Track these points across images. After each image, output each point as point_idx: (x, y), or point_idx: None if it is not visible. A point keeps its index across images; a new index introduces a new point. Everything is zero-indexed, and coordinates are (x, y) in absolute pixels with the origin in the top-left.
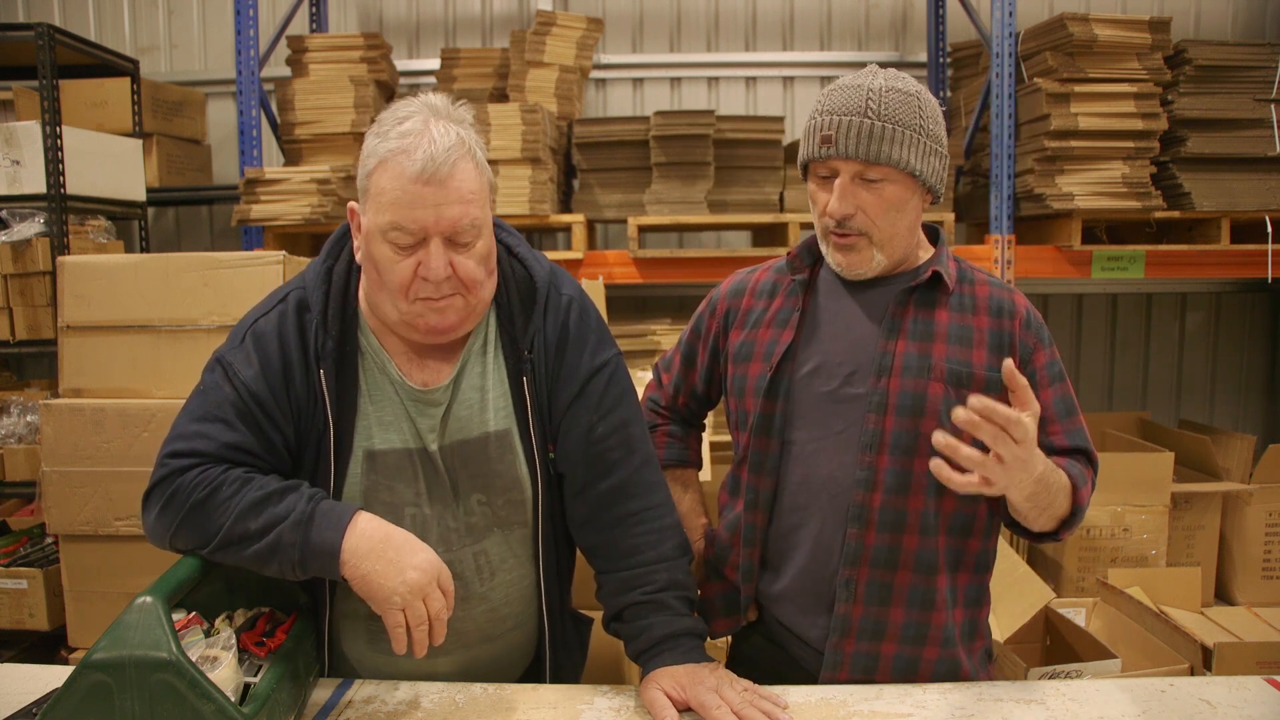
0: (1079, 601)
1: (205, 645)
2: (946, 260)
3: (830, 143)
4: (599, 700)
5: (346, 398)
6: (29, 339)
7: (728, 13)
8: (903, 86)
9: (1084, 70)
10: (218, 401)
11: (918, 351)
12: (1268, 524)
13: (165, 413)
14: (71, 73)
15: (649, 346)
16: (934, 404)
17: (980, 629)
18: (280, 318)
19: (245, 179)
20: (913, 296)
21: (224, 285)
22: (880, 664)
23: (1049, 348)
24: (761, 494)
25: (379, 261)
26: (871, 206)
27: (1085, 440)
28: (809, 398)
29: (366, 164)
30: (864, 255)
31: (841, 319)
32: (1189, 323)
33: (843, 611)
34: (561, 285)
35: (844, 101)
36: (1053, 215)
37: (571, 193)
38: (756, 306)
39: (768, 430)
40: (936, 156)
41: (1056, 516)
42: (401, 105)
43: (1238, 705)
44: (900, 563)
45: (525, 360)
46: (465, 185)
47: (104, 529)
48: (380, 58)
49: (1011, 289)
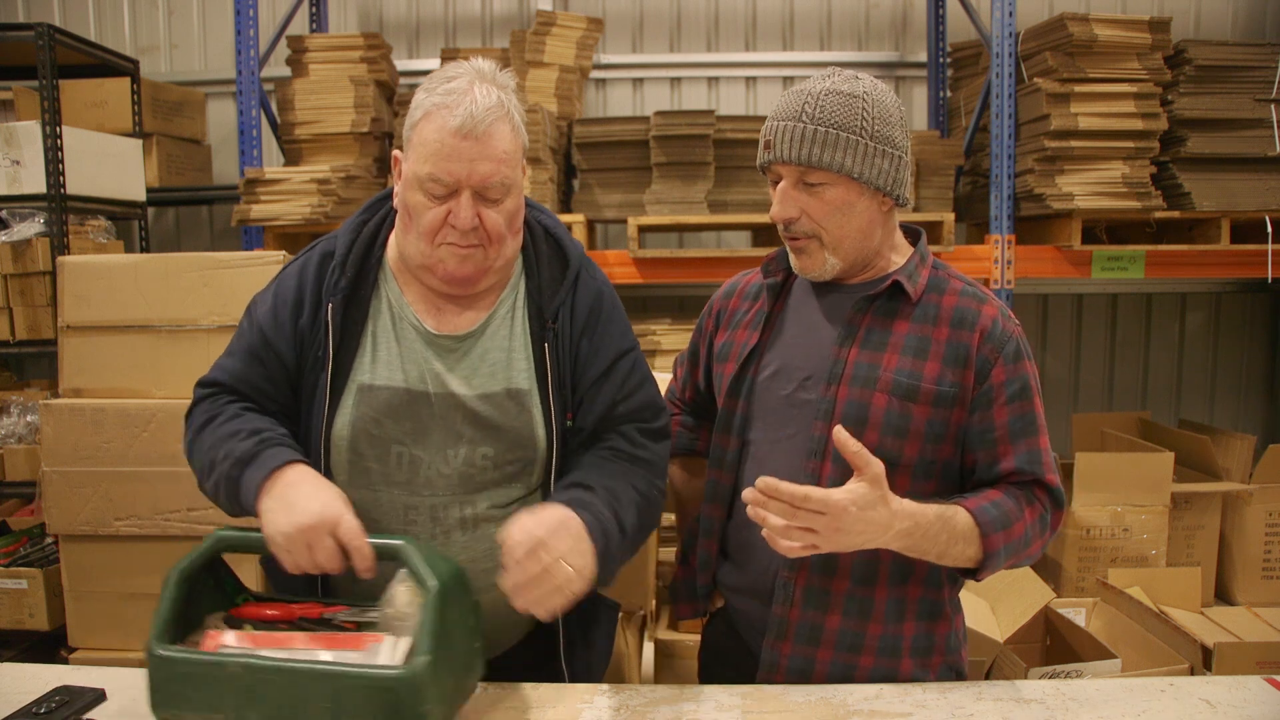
0: (1079, 601)
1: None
2: (917, 268)
3: (770, 147)
4: (599, 700)
5: (351, 333)
6: (29, 339)
7: (728, 13)
8: (848, 89)
9: (1084, 70)
10: (240, 337)
11: (869, 361)
12: (1268, 524)
13: (165, 413)
14: (71, 73)
15: (649, 346)
16: (877, 415)
17: (939, 644)
18: (305, 262)
19: (245, 179)
20: (873, 305)
21: (224, 285)
22: (815, 668)
23: (1013, 362)
24: (720, 488)
25: (413, 206)
26: (815, 210)
27: (1038, 465)
28: (768, 399)
29: (413, 115)
30: (816, 258)
31: (805, 324)
32: (1189, 323)
33: (780, 614)
34: (594, 270)
35: (785, 106)
36: (1053, 215)
37: (571, 193)
38: (740, 308)
39: (728, 428)
40: (885, 157)
41: (965, 559)
42: (452, 66)
43: (1238, 705)
44: (838, 571)
45: (549, 329)
46: (500, 145)
47: (104, 529)
48: (380, 58)
49: (986, 298)
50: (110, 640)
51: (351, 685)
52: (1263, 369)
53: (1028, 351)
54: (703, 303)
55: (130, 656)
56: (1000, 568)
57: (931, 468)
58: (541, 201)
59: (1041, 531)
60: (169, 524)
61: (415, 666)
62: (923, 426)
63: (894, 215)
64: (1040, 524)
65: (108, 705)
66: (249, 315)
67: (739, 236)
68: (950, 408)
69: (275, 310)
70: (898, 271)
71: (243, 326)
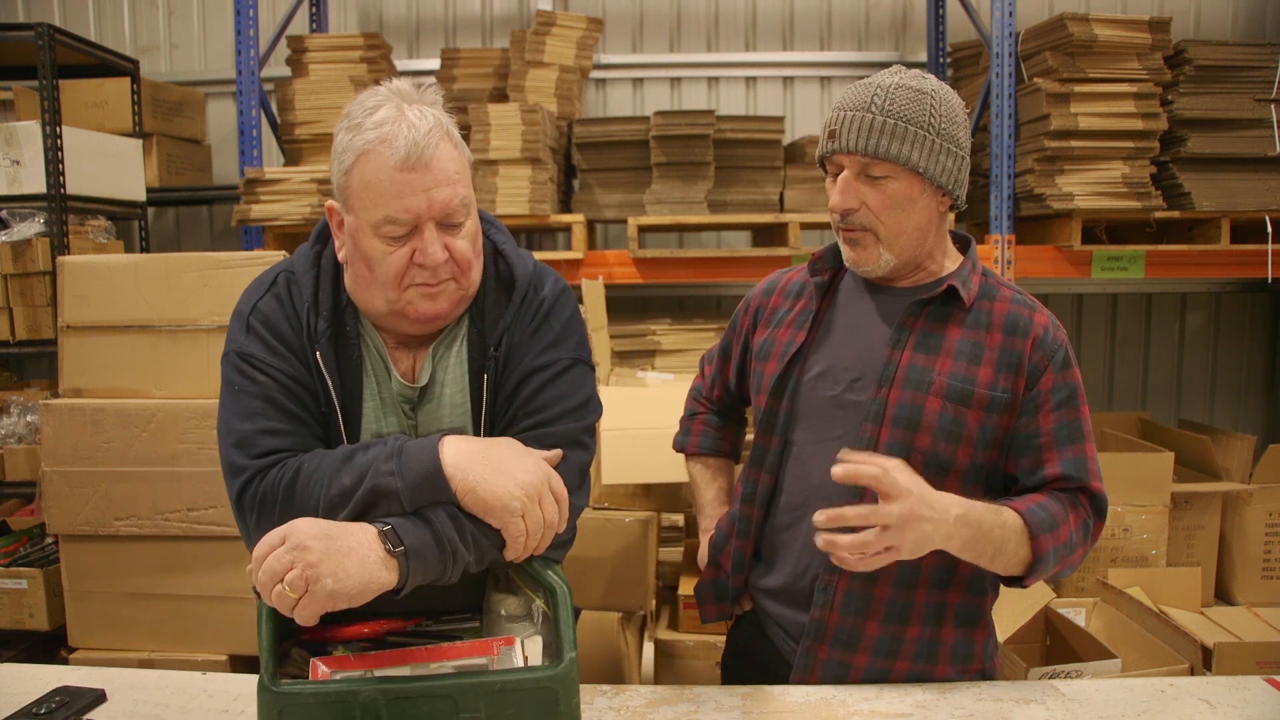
0: (1079, 601)
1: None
2: (969, 274)
3: (835, 137)
4: (599, 700)
5: (350, 378)
6: (29, 339)
7: (728, 13)
8: (917, 85)
9: (1084, 70)
10: (259, 395)
11: (922, 364)
12: (1268, 524)
13: (165, 413)
14: (71, 73)
15: (649, 346)
16: (930, 419)
17: (978, 650)
18: (277, 301)
19: (245, 179)
20: (926, 309)
21: (224, 285)
22: (850, 673)
23: (1061, 370)
24: (760, 489)
25: (370, 257)
26: (875, 202)
27: (1084, 472)
28: (814, 400)
29: (343, 160)
30: (870, 252)
31: (854, 324)
32: (1189, 323)
33: (818, 617)
34: (542, 285)
35: (852, 97)
36: (1053, 215)
37: (571, 193)
38: (782, 306)
39: (771, 428)
40: (949, 156)
41: (1016, 562)
42: (367, 96)
43: (1238, 705)
44: (880, 576)
45: (490, 358)
46: (450, 166)
47: (104, 529)
48: (380, 58)
49: (1035, 306)
50: (110, 640)
51: (507, 690)
52: (1263, 369)
53: (1074, 360)
54: (703, 303)
55: (130, 656)
56: (1048, 573)
57: (980, 473)
58: (541, 202)
59: (1084, 539)
60: (169, 524)
61: (567, 663)
62: (975, 432)
63: (947, 220)
64: (1083, 530)
65: (108, 705)
66: (254, 369)
67: (739, 236)
68: (1001, 413)
69: (289, 356)
70: (952, 276)
71: (249, 384)
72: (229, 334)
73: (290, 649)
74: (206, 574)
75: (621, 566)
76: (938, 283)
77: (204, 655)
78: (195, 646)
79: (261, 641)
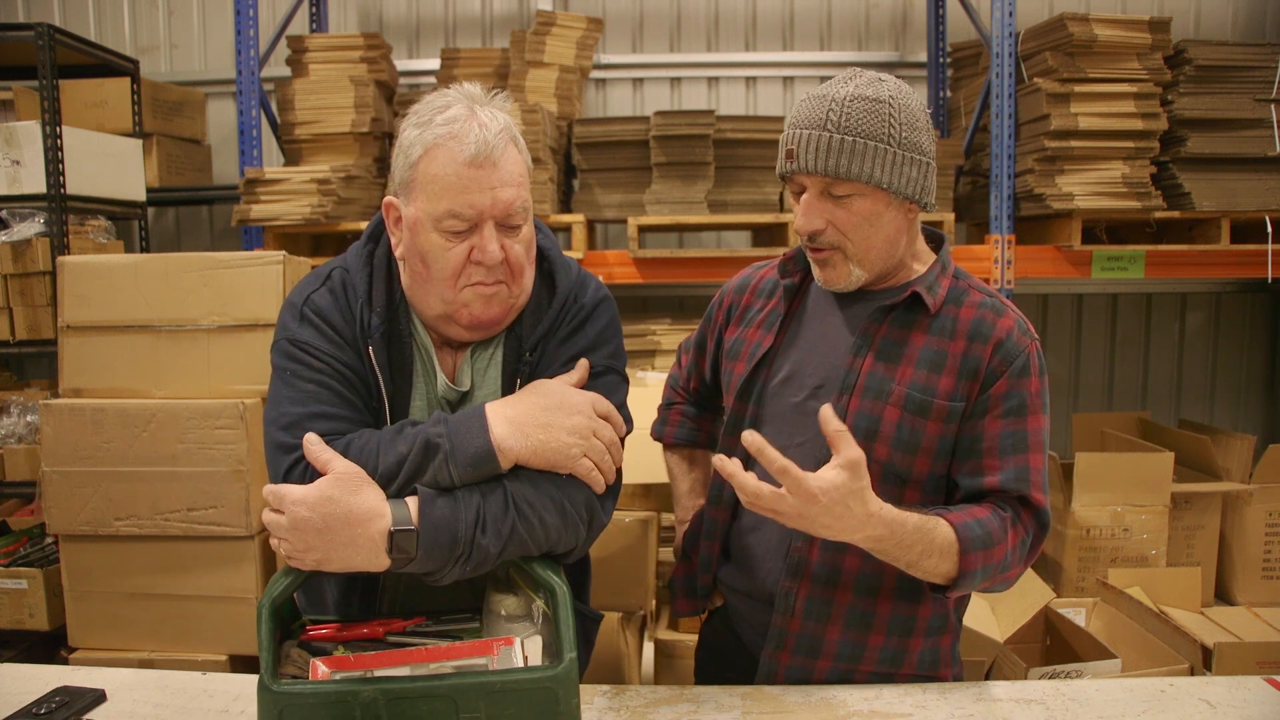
0: (1079, 601)
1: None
2: (938, 278)
3: (793, 157)
4: (599, 700)
5: (400, 375)
6: (29, 339)
7: (728, 13)
8: (873, 93)
9: (1084, 70)
10: (312, 380)
11: (882, 373)
12: (1268, 524)
13: (165, 413)
14: (71, 73)
15: (649, 346)
16: (887, 430)
17: (944, 656)
18: (332, 295)
19: (245, 179)
20: (890, 315)
21: (224, 285)
22: (814, 678)
23: (1018, 377)
24: (726, 492)
25: (427, 251)
26: (842, 221)
27: (1025, 484)
28: (778, 405)
29: (410, 154)
30: (840, 270)
31: (821, 330)
32: (1189, 323)
33: (779, 624)
34: (584, 293)
35: (807, 113)
36: (1053, 215)
37: (571, 193)
38: (754, 304)
39: (737, 431)
40: (913, 165)
41: (937, 575)
42: (437, 96)
43: (1238, 705)
44: (841, 582)
45: (525, 363)
46: (515, 169)
47: (104, 529)
48: (380, 58)
49: (1004, 310)
50: (110, 640)
51: (507, 690)
52: (1263, 369)
53: (1041, 368)
54: (703, 303)
55: (130, 657)
56: (973, 589)
57: (942, 481)
58: (541, 202)
59: (1022, 558)
60: (169, 524)
61: (567, 663)
62: (934, 443)
63: (917, 221)
64: (1021, 549)
65: (108, 706)
66: (308, 355)
67: (739, 236)
68: (959, 422)
69: (343, 344)
70: (917, 281)
71: (302, 370)
72: (280, 324)
73: (290, 649)
74: (206, 574)
75: (621, 566)
76: (903, 287)
77: (204, 655)
78: (195, 646)
79: (261, 641)
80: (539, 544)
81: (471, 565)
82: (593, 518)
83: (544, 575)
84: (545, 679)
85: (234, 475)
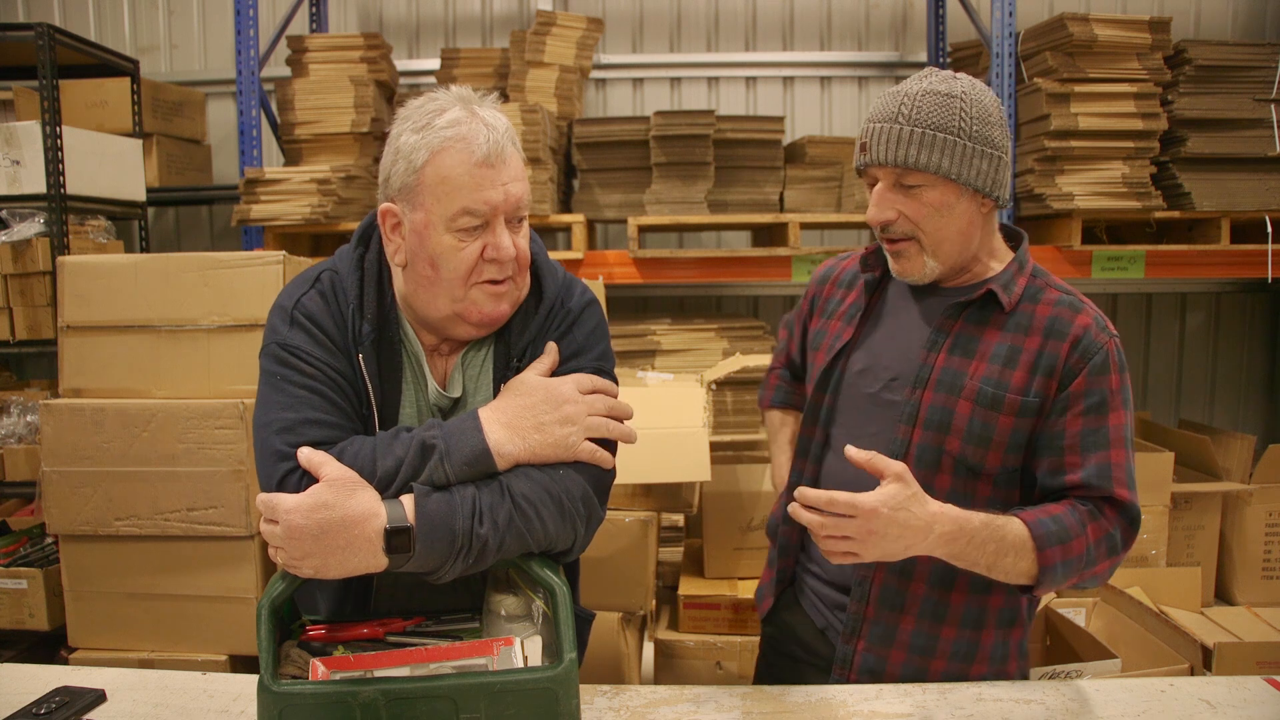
0: (1079, 601)
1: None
2: (1014, 276)
3: (866, 150)
4: (599, 700)
5: (390, 382)
6: (29, 339)
7: (728, 13)
8: (945, 89)
9: (1084, 70)
10: (303, 386)
11: (956, 368)
12: (1268, 524)
13: (165, 413)
14: (71, 73)
15: (649, 346)
16: (960, 423)
17: (1013, 650)
18: (322, 298)
19: (245, 179)
20: (965, 311)
21: (224, 285)
22: (887, 669)
23: (1097, 374)
24: (804, 478)
25: (438, 254)
26: (913, 212)
27: (1108, 480)
28: (854, 396)
29: (412, 159)
30: (915, 262)
31: (898, 323)
32: (1189, 323)
33: (854, 611)
34: (570, 297)
35: (881, 108)
36: (1053, 215)
37: (571, 193)
38: (835, 295)
39: (815, 420)
40: (984, 159)
41: (1018, 574)
42: (427, 100)
43: (1238, 705)
44: (915, 574)
45: (513, 369)
46: (519, 165)
47: (104, 529)
48: (380, 58)
49: (1082, 307)
50: (110, 640)
51: (507, 691)
52: (1263, 369)
53: (1121, 364)
54: (703, 303)
55: (130, 656)
56: (1059, 585)
57: (1015, 475)
58: (541, 202)
59: (1109, 552)
60: (169, 524)
61: (567, 663)
62: (1006, 437)
63: (993, 217)
64: (1107, 543)
65: (108, 706)
66: (298, 359)
67: (739, 236)
68: (1033, 417)
69: (333, 349)
70: (993, 279)
71: (291, 375)
72: (269, 327)
73: (290, 649)
74: (206, 574)
75: (621, 566)
76: (981, 284)
77: (204, 655)
78: (195, 646)
79: (261, 641)
80: (537, 539)
81: (471, 559)
82: (590, 513)
83: (543, 575)
84: (545, 679)
85: (234, 475)
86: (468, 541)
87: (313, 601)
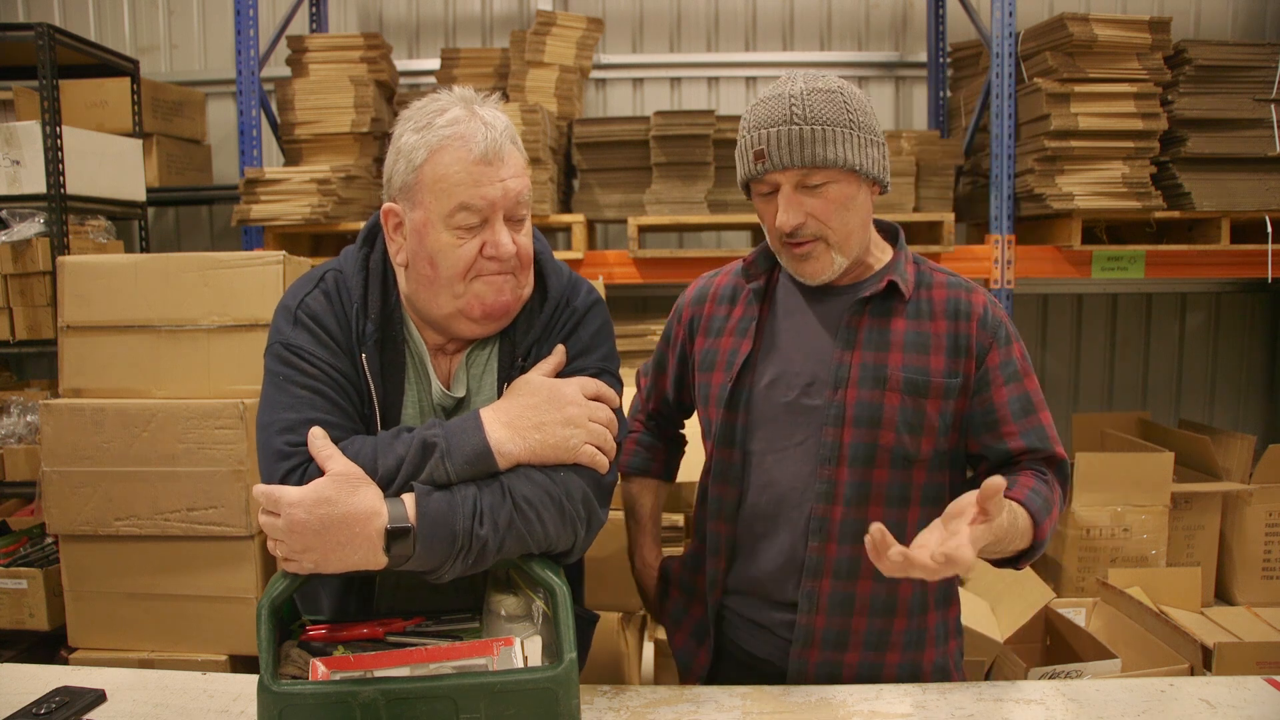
0: (1079, 601)
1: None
2: (904, 265)
3: (764, 158)
4: (599, 700)
5: (392, 382)
6: (29, 339)
7: (728, 13)
8: (823, 85)
9: (1084, 70)
10: (306, 386)
11: (874, 362)
12: (1268, 524)
13: (165, 413)
14: (71, 73)
15: (649, 346)
16: (890, 415)
17: (952, 627)
18: (326, 298)
19: (245, 179)
20: (868, 306)
21: (224, 285)
22: (844, 671)
23: (1006, 345)
24: (725, 504)
25: (437, 252)
26: (820, 211)
27: (1045, 439)
28: (769, 408)
29: (412, 158)
30: (823, 261)
31: (799, 329)
32: (1189, 323)
33: (804, 622)
34: (575, 297)
35: (769, 113)
36: (1053, 215)
37: (571, 193)
38: (718, 313)
39: (730, 441)
40: (874, 147)
41: (1014, 551)
42: (429, 101)
43: (1238, 705)
44: (862, 572)
45: (517, 369)
46: (518, 163)
47: (104, 529)
48: (380, 58)
49: (971, 287)
50: (110, 640)
51: (507, 691)
52: (1263, 369)
53: (1015, 334)
54: None
55: (130, 656)
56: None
57: (944, 459)
58: (541, 202)
59: (1059, 507)
60: (169, 524)
61: (567, 664)
62: (935, 420)
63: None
64: (1060, 501)
65: (108, 706)
66: (301, 360)
67: (739, 236)
68: (956, 398)
69: (336, 350)
70: (890, 270)
71: (295, 375)
72: (273, 327)
73: (290, 649)
74: (206, 574)
75: (621, 566)
76: (875, 277)
77: (204, 655)
78: (195, 646)
79: (261, 642)
80: (537, 540)
81: (471, 559)
82: (590, 515)
83: (543, 575)
84: (545, 679)
85: (234, 475)
86: (468, 542)
87: (316, 600)
